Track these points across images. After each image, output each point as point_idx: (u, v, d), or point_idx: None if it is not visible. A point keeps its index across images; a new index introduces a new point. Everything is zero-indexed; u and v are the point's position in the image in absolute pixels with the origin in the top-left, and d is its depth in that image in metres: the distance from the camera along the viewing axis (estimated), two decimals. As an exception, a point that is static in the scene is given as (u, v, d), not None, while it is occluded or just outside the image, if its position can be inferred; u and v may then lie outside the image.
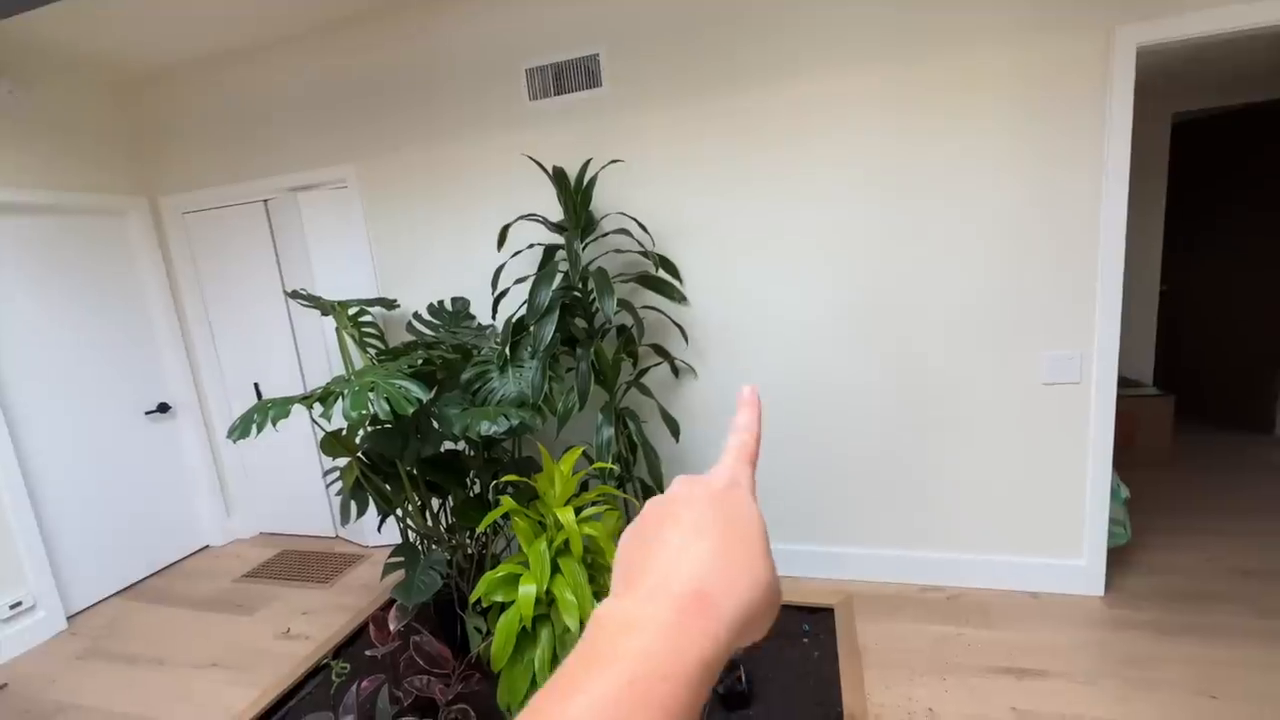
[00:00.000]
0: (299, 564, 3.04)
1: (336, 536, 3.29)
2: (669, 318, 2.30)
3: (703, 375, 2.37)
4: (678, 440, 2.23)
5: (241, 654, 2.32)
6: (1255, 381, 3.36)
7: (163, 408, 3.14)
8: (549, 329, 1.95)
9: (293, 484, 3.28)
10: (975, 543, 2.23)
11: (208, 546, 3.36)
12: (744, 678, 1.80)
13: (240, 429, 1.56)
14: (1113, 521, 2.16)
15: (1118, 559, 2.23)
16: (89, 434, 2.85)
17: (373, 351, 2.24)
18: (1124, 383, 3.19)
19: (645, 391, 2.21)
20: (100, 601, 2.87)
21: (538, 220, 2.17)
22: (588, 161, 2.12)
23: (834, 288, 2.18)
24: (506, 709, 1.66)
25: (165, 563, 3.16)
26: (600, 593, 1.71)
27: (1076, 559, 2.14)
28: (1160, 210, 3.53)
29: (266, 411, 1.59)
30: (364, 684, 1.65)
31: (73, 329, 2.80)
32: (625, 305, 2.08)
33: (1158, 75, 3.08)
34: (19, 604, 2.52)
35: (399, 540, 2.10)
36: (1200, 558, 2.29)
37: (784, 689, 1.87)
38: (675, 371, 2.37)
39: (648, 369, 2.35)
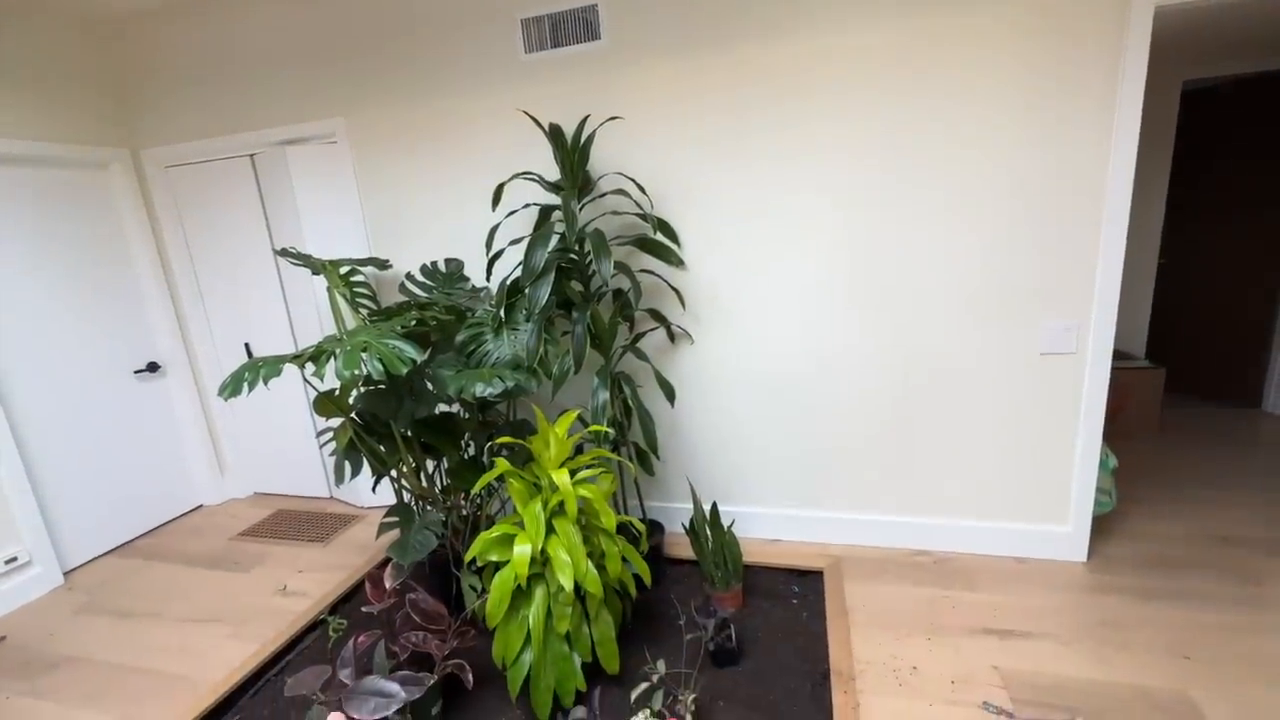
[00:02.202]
0: (294, 523, 3.06)
1: (331, 498, 3.31)
2: (666, 282, 2.27)
3: (699, 340, 2.36)
4: (673, 405, 2.23)
5: (239, 609, 2.35)
6: (1244, 356, 3.38)
7: (152, 367, 3.10)
8: (544, 291, 1.92)
9: (286, 445, 3.28)
10: (964, 509, 2.27)
11: (202, 506, 3.37)
12: (733, 636, 1.84)
13: (231, 386, 1.54)
14: (1099, 490, 2.19)
15: (1102, 526, 2.27)
16: (79, 393, 2.82)
17: (365, 312, 2.21)
18: (1116, 355, 3.21)
19: (641, 356, 2.20)
20: (96, 558, 2.88)
21: (534, 179, 2.12)
22: (585, 118, 2.06)
23: (833, 254, 2.15)
24: (501, 664, 1.69)
25: (160, 521, 3.18)
26: (593, 553, 1.73)
27: (1062, 526, 2.18)
28: (1164, 182, 3.49)
29: (258, 370, 1.57)
30: (361, 639, 1.67)
31: (57, 286, 2.74)
32: (622, 268, 2.05)
33: (1170, 41, 3.00)
34: (14, 559, 2.53)
35: (393, 502, 2.11)
36: (1183, 526, 2.34)
37: (772, 647, 1.91)
38: (671, 337, 2.36)
39: (644, 334, 2.33)
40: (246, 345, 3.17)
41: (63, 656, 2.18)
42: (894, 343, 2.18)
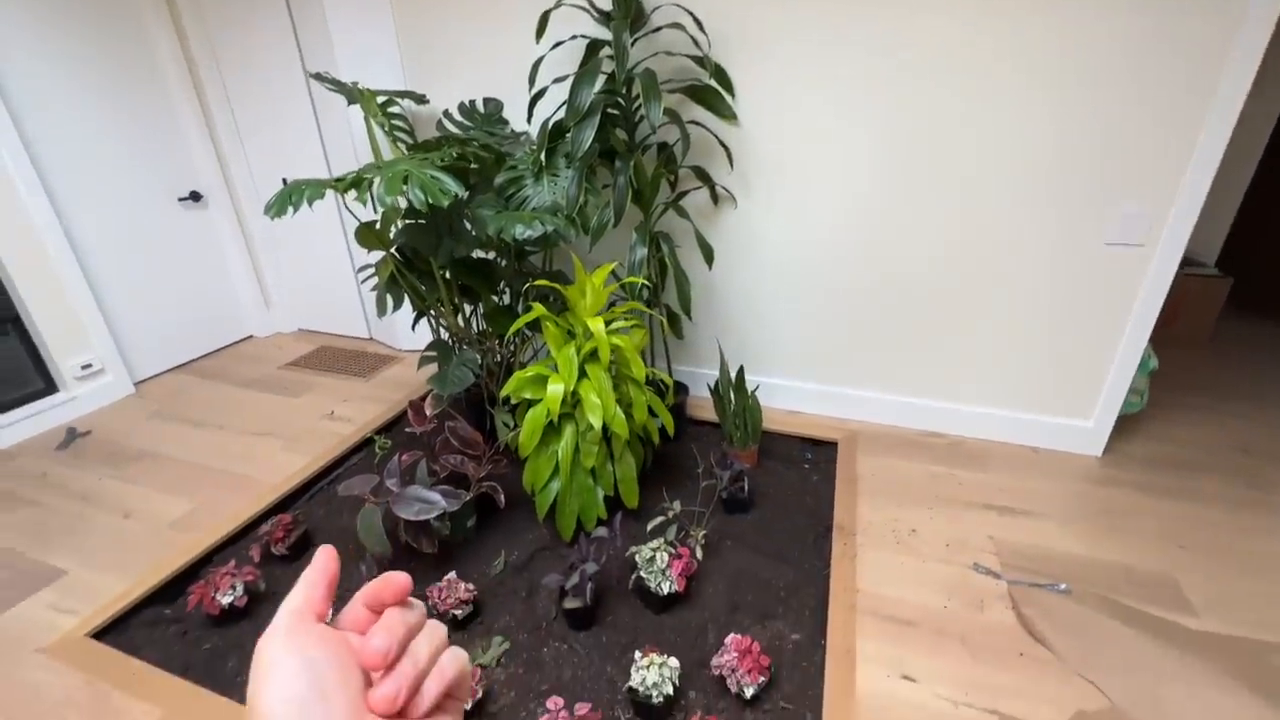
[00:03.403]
0: (337, 359, 3.23)
1: (370, 339, 3.46)
2: (716, 137, 2.14)
3: (743, 205, 2.26)
4: (710, 267, 2.20)
5: (291, 428, 2.57)
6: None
7: (195, 196, 3.13)
8: (588, 133, 1.83)
9: (327, 285, 3.37)
10: (988, 396, 2.28)
11: (251, 337, 3.57)
12: (746, 487, 1.96)
13: (277, 206, 1.55)
14: (1131, 390, 2.17)
15: (1125, 426, 2.28)
16: (129, 216, 2.89)
17: (403, 146, 2.15)
18: (1184, 260, 3.02)
19: (683, 214, 2.13)
20: (161, 374, 3.12)
21: (582, 6, 1.93)
22: (644, -67, 1.82)
23: (896, 127, 1.97)
24: (530, 489, 1.85)
25: (214, 347, 3.39)
26: (621, 400, 1.81)
27: (1085, 421, 2.19)
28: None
29: (302, 192, 1.57)
30: (404, 457, 1.82)
31: (97, 111, 2.73)
32: (672, 115, 1.92)
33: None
34: (89, 365, 2.76)
35: (430, 344, 2.19)
36: (1206, 434, 2.33)
37: (781, 502, 2.05)
38: (715, 198, 2.27)
39: (686, 192, 2.24)
40: (284, 181, 3.15)
41: (142, 452, 2.44)
42: (946, 224, 2.06)
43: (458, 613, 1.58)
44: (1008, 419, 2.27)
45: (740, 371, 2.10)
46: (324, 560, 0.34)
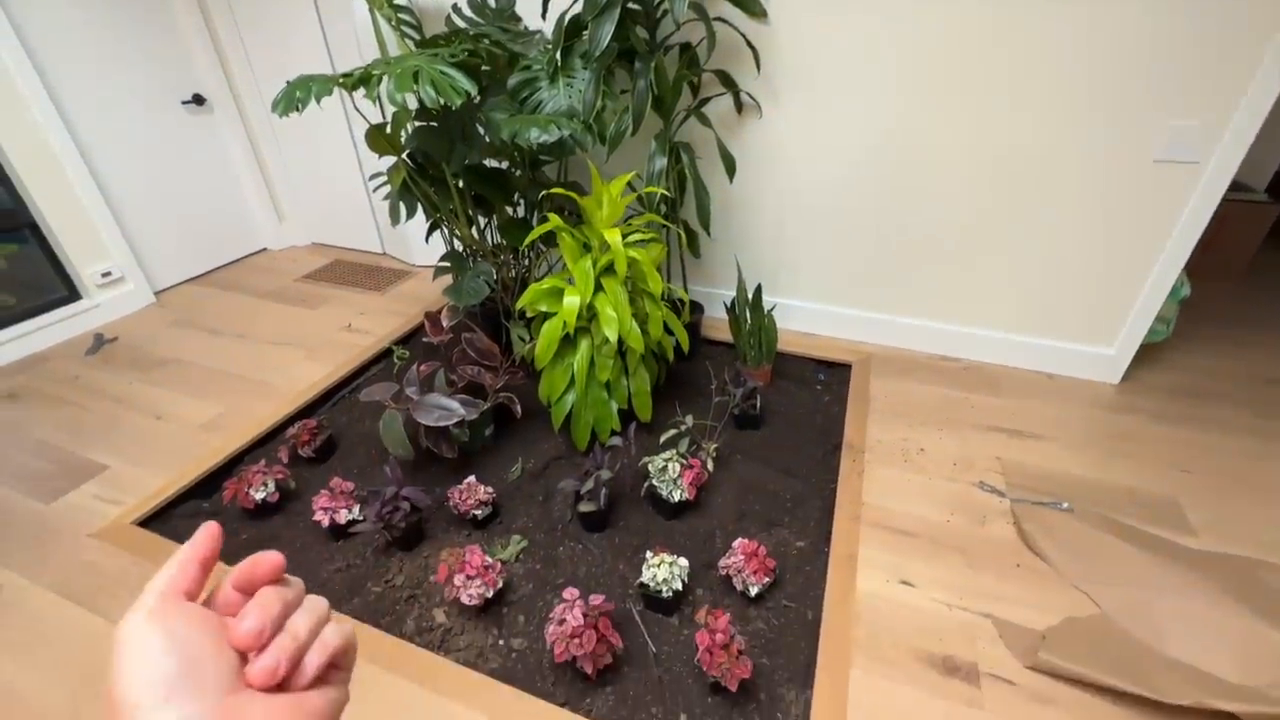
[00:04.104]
0: (351, 272, 3.23)
1: (384, 253, 3.44)
2: (743, 36, 1.99)
3: (769, 115, 2.15)
4: (731, 180, 2.12)
5: (311, 339, 2.61)
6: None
7: (198, 99, 3.03)
8: (607, 28, 1.71)
9: (338, 197, 3.31)
10: (1009, 321, 2.24)
11: (265, 249, 3.56)
12: (758, 404, 1.99)
13: (284, 103, 1.49)
14: (1158, 318, 2.12)
15: (1147, 354, 2.24)
16: (134, 121, 2.81)
17: (410, 42, 2.03)
18: (1232, 184, 2.85)
19: (705, 122, 2.03)
20: (179, 284, 3.15)
21: (602, -120, 1.75)
22: None
23: (939, 34, 1.82)
24: (546, 401, 1.88)
25: (230, 258, 3.39)
26: (637, 314, 1.80)
27: (1106, 348, 2.16)
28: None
29: (309, 87, 1.50)
30: (422, 367, 1.85)
31: (96, 10, 2.59)
32: (697, 9, 1.79)
33: None
34: (109, 273, 2.78)
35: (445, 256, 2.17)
36: (1230, 364, 2.29)
37: (792, 420, 2.07)
38: (739, 106, 2.15)
39: (709, 99, 2.12)
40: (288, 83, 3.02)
41: (167, 358, 2.50)
42: (983, 140, 1.95)
43: (478, 513, 1.66)
44: (1027, 344, 2.24)
45: (758, 290, 2.07)
46: (202, 538, 0.32)
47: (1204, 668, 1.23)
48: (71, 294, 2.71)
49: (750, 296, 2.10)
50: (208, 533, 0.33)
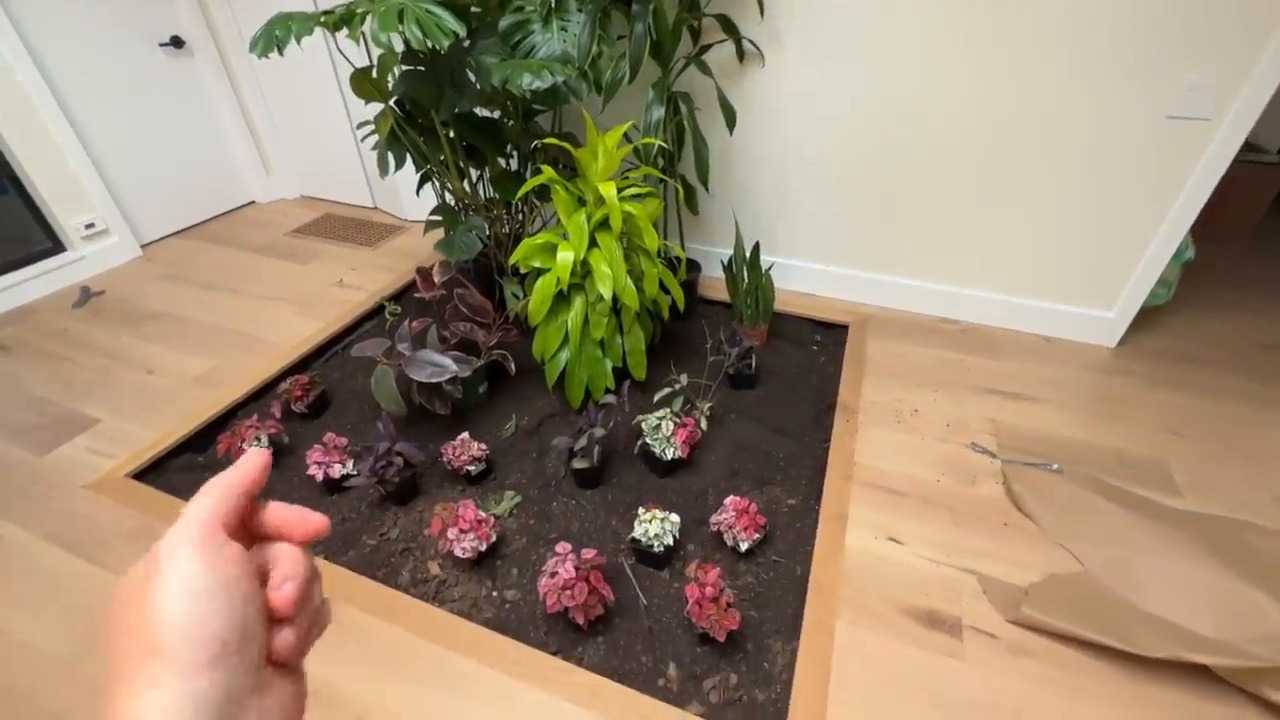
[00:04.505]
0: (342, 227, 3.16)
1: (375, 208, 3.36)
2: (746, -22, 1.90)
3: (771, 63, 2.06)
4: (731, 132, 2.05)
5: (302, 294, 2.57)
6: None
7: (176, 42, 2.90)
8: (603, -33, 1.62)
9: (326, 149, 3.22)
10: (1007, 284, 2.21)
11: (254, 202, 3.47)
12: (753, 364, 1.98)
13: (262, 43, 1.42)
14: (1159, 281, 2.09)
15: (1146, 318, 2.23)
16: (109, 61, 2.69)
17: (397, -19, 1.93)
18: (1244, 145, 2.78)
19: (705, 70, 1.95)
20: (167, 236, 3.09)
21: None
22: None
23: (961, -44, 1.73)
24: (540, 359, 1.87)
25: (218, 211, 3.31)
26: (632, 271, 1.77)
27: (1106, 311, 2.14)
28: None
29: (289, 27, 1.43)
30: (414, 323, 1.83)
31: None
32: (698, -52, 1.69)
33: None
34: (92, 225, 2.72)
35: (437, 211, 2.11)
36: (1230, 330, 2.28)
37: (787, 380, 2.07)
38: (741, 54, 2.06)
39: (710, 45, 2.04)
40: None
41: (157, 312, 2.47)
42: (993, 94, 1.87)
43: (471, 469, 1.67)
44: (1025, 307, 2.22)
45: (756, 247, 2.03)
46: (252, 463, 0.29)
47: (1182, 623, 1.26)
48: (56, 246, 2.66)
49: (748, 254, 2.06)
50: (260, 459, 0.29)
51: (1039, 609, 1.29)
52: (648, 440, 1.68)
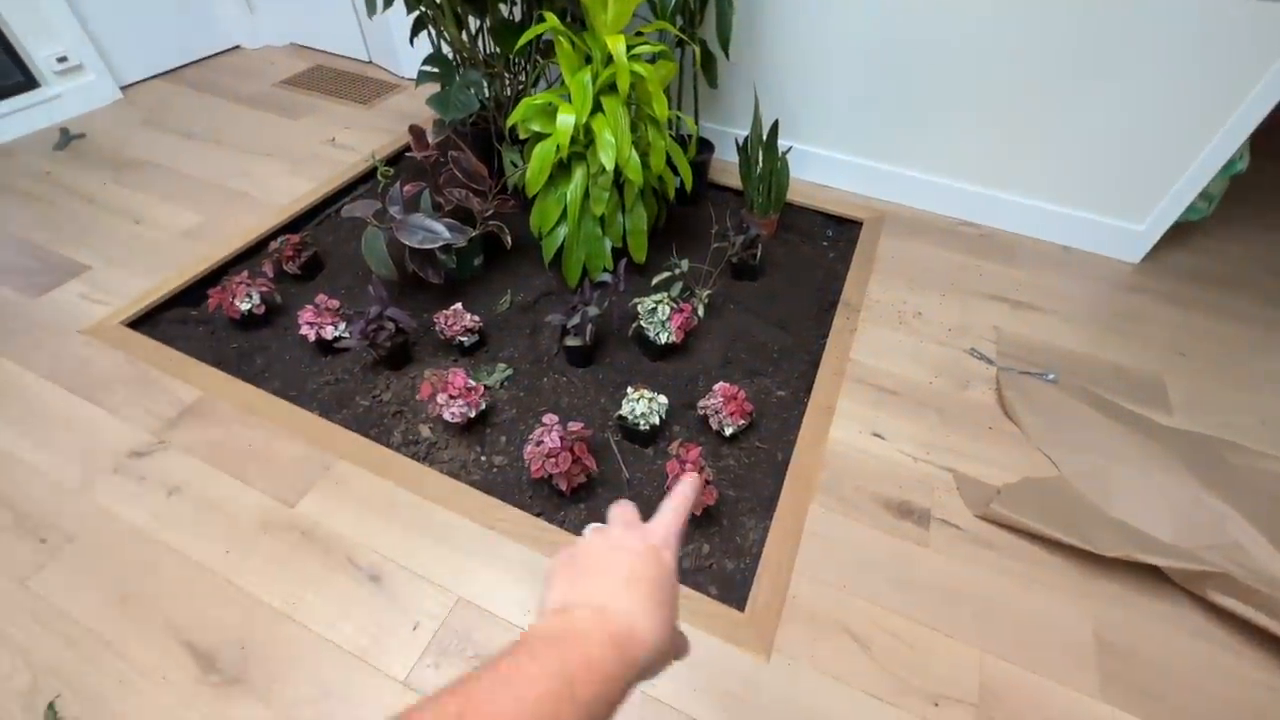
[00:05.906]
0: (334, 81, 2.94)
1: (370, 62, 3.11)
2: None
3: (815, -95, 1.79)
4: (760, -10, 1.83)
5: (292, 151, 2.44)
6: None
7: None
8: None
9: (314, -14, 2.91)
10: (1037, 188, 2.08)
11: (239, 47, 3.21)
12: (758, 255, 1.91)
13: None
14: (1201, 194, 1.96)
15: (1177, 234, 2.11)
16: None
17: None
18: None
19: (737, -92, 1.70)
20: (147, 79, 2.88)
21: None
22: None
23: None
24: (537, 233, 1.80)
25: (200, 55, 3.06)
26: (639, 143, 1.65)
27: (1136, 224, 2.03)
28: None
29: None
30: (407, 186, 1.74)
31: None
32: None
33: None
34: (65, 59, 2.52)
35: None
36: (1261, 251, 2.17)
37: (792, 274, 2.01)
38: (781, -110, 1.78)
39: (747, -123, 1.76)
40: None
41: (140, 160, 2.36)
42: (1069, -47, 1.64)
43: (464, 340, 1.66)
44: (1050, 212, 2.10)
45: (774, 126, 1.88)
46: (689, 490, 0.45)
47: (1143, 529, 1.30)
48: (29, 80, 2.48)
49: (765, 135, 1.91)
50: (693, 485, 0.47)
51: (1008, 507, 1.33)
52: (643, 323, 1.65)
